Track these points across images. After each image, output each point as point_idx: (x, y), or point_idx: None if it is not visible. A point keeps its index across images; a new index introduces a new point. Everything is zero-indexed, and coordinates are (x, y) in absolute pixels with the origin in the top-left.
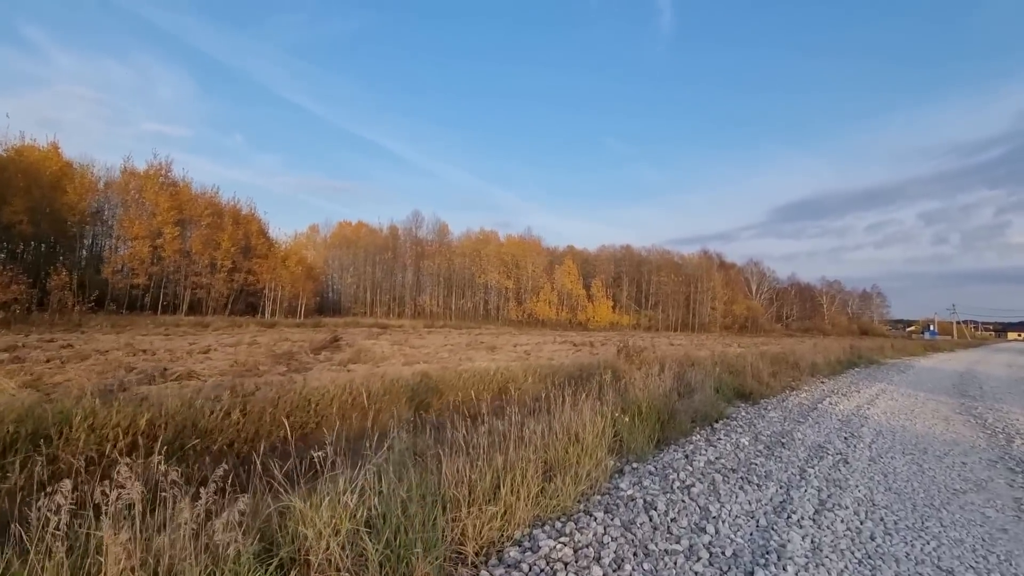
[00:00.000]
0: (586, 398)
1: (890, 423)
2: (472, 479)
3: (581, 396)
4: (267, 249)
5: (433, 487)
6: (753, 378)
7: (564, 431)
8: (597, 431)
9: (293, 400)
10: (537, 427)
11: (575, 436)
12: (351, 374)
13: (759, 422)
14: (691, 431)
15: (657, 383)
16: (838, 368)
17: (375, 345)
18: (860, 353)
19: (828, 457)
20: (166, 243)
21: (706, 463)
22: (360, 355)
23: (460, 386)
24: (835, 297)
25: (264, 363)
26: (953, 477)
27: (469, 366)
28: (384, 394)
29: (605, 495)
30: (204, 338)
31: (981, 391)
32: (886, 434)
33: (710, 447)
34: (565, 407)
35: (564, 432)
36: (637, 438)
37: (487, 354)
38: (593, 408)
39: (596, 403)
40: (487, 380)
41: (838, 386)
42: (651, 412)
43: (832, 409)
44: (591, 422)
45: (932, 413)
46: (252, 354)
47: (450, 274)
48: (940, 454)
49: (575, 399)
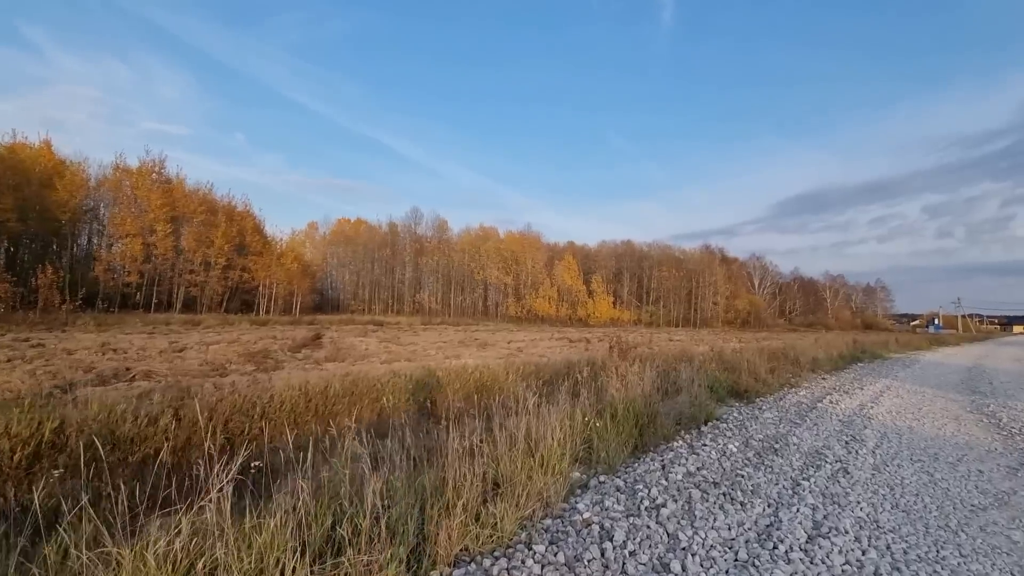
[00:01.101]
0: (557, 400)
1: (896, 424)
2: (379, 506)
3: (557, 397)
4: (262, 246)
5: (329, 515)
6: (749, 375)
7: (524, 439)
8: (560, 439)
9: (236, 403)
10: (500, 434)
11: (535, 445)
12: (321, 373)
13: (751, 424)
14: (674, 435)
15: (636, 382)
16: (840, 363)
17: (362, 343)
18: (863, 347)
19: (826, 466)
20: (158, 240)
21: (684, 475)
22: (340, 353)
23: (433, 385)
24: (838, 291)
25: (236, 362)
26: (970, 489)
27: (451, 364)
28: (344, 395)
29: (557, 519)
30: (188, 336)
31: (991, 387)
32: (892, 437)
33: (692, 455)
34: (535, 410)
35: (525, 440)
36: (609, 445)
37: (477, 351)
38: (563, 411)
39: (569, 405)
40: (464, 379)
41: (840, 383)
42: (629, 415)
43: (833, 408)
44: (557, 427)
45: (941, 412)
46: (226, 353)
47: (449, 271)
48: (953, 460)
49: (550, 400)
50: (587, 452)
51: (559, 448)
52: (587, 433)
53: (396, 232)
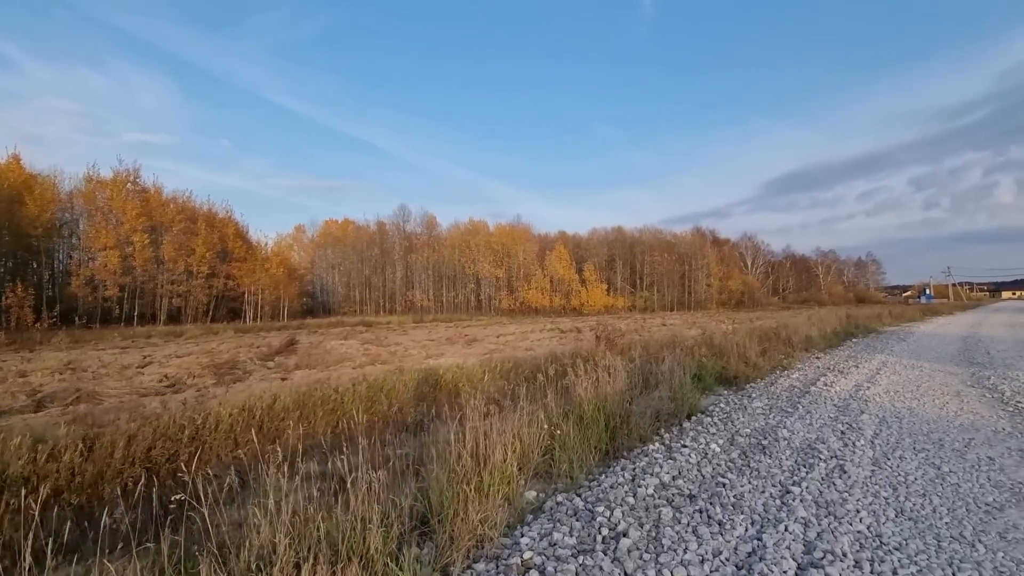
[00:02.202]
0: (521, 403)
1: (895, 406)
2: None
3: (527, 398)
4: (246, 252)
5: None
6: (739, 359)
7: (471, 455)
8: (514, 452)
9: (163, 427)
10: (445, 450)
11: (482, 463)
12: (285, 383)
13: (739, 416)
14: (652, 436)
15: (606, 379)
16: (834, 341)
17: (342, 346)
18: (857, 322)
19: (820, 464)
20: (136, 252)
21: (656, 488)
22: (312, 359)
23: (400, 391)
24: (830, 267)
25: (199, 375)
26: (982, 483)
27: (430, 364)
28: (296, 408)
29: (492, 560)
30: (164, 349)
31: (989, 356)
32: (891, 422)
33: (668, 460)
34: (490, 417)
35: (471, 456)
36: (573, 455)
37: (463, 348)
38: (521, 417)
39: (534, 409)
40: (437, 381)
41: (834, 361)
42: (599, 416)
43: (827, 392)
44: (512, 437)
45: (941, 388)
46: (191, 366)
47: (440, 267)
48: (959, 447)
49: (513, 403)
50: (548, 464)
51: (510, 464)
52: (548, 442)
53: (385, 231)
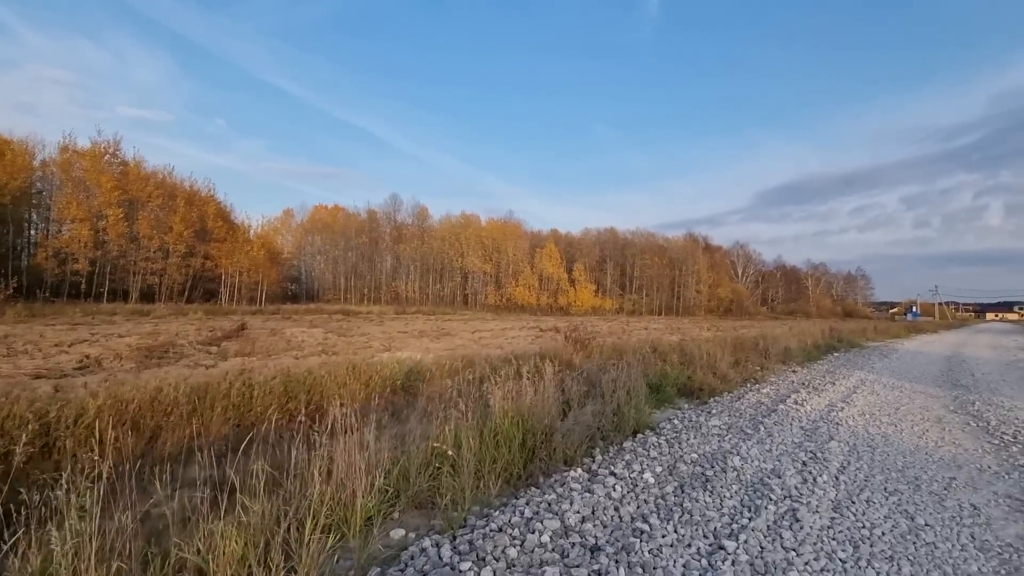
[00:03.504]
0: (436, 412)
1: (868, 432)
2: None
3: (448, 405)
4: (226, 232)
5: None
6: (707, 370)
7: (323, 483)
8: (379, 479)
9: None
10: (302, 469)
11: (335, 494)
12: (208, 370)
13: (690, 436)
14: (579, 458)
15: (527, 391)
16: (815, 354)
17: (303, 334)
18: (840, 336)
19: (769, 507)
20: (109, 226)
21: (555, 534)
22: (258, 346)
23: (334, 386)
24: (820, 279)
25: (127, 357)
26: (964, 543)
27: (380, 358)
28: (187, 402)
29: None
30: (117, 328)
31: (973, 379)
32: (862, 452)
33: (585, 493)
34: (377, 430)
35: (322, 484)
36: (466, 482)
37: (430, 342)
38: (412, 432)
39: (440, 422)
40: (382, 377)
41: (811, 376)
42: (515, 432)
43: (796, 411)
44: (387, 457)
45: (921, 412)
46: (121, 347)
47: (428, 259)
48: (938, 489)
49: (429, 411)
50: (434, 493)
51: (366, 499)
52: (438, 465)
53: (375, 219)
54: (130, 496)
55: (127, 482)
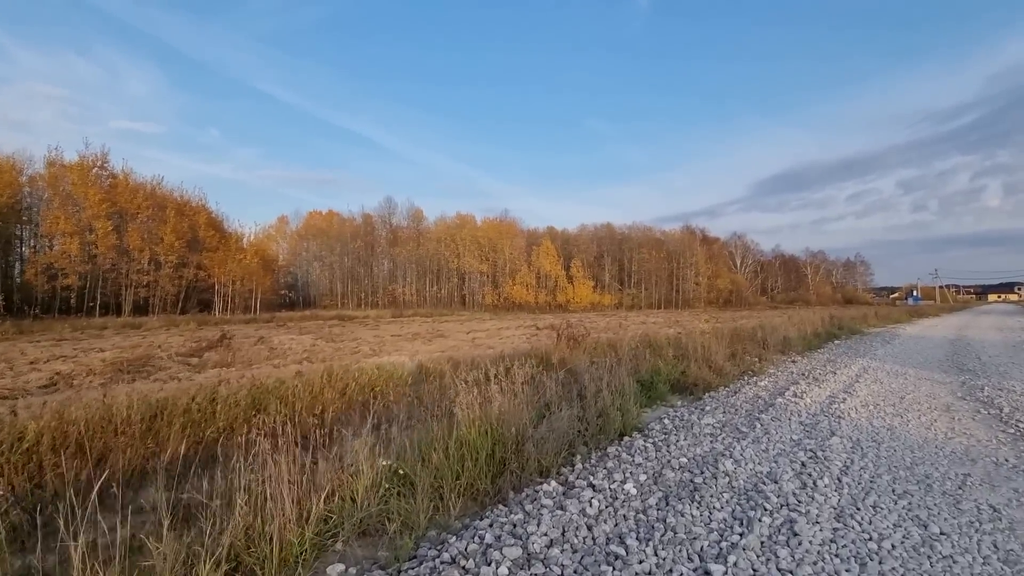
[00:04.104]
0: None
1: (872, 425)
2: None
3: (405, 415)
4: (218, 242)
5: None
6: (702, 363)
7: (252, 508)
8: (316, 504)
9: None
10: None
11: (259, 530)
12: (179, 384)
13: (680, 437)
14: (556, 467)
15: (496, 396)
16: (815, 343)
17: (292, 341)
18: (841, 323)
19: (763, 519)
20: (99, 239)
21: (515, 564)
22: (239, 356)
23: (307, 396)
24: (819, 267)
25: (102, 372)
26: (986, 554)
27: (364, 364)
28: (142, 420)
29: None
30: (103, 342)
31: (980, 363)
32: (867, 448)
33: (557, 510)
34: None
35: (253, 511)
36: (421, 503)
37: (422, 345)
38: (363, 446)
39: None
40: (359, 384)
41: (811, 366)
42: (483, 443)
43: (795, 404)
44: (327, 484)
45: (928, 400)
46: (94, 362)
47: (425, 261)
48: (952, 488)
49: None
50: (385, 517)
51: (310, 527)
52: (388, 485)
53: (371, 223)
54: (39, 532)
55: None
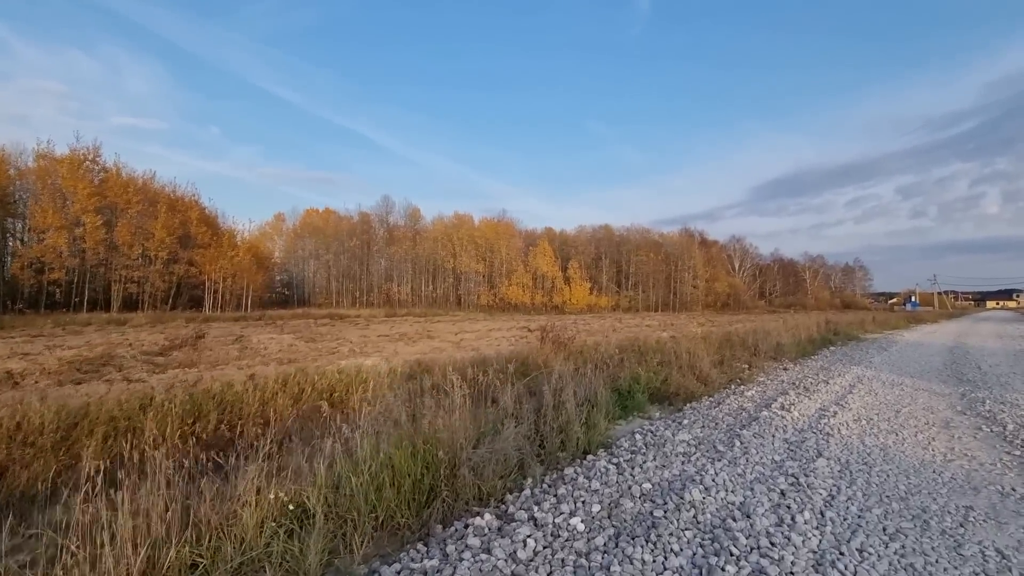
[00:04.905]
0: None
1: (864, 444)
2: None
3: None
4: (210, 238)
5: None
6: (687, 370)
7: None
8: (175, 553)
9: None
10: None
11: None
12: (129, 386)
13: (648, 458)
14: (496, 495)
15: (432, 407)
16: (809, 349)
17: (272, 340)
18: (837, 329)
19: (728, 568)
20: (87, 233)
21: None
22: (208, 355)
23: (256, 402)
24: (818, 272)
25: (57, 371)
26: None
27: (340, 365)
28: (59, 429)
29: None
30: (81, 339)
31: (981, 372)
32: (856, 473)
33: (481, 555)
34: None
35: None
36: (314, 547)
37: (405, 346)
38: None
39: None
40: (318, 390)
41: (803, 374)
42: (411, 466)
43: (781, 419)
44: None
45: (925, 414)
46: (49, 361)
47: (421, 260)
48: (953, 527)
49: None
50: (269, 561)
51: None
52: (284, 521)
53: (368, 221)
54: None
55: None
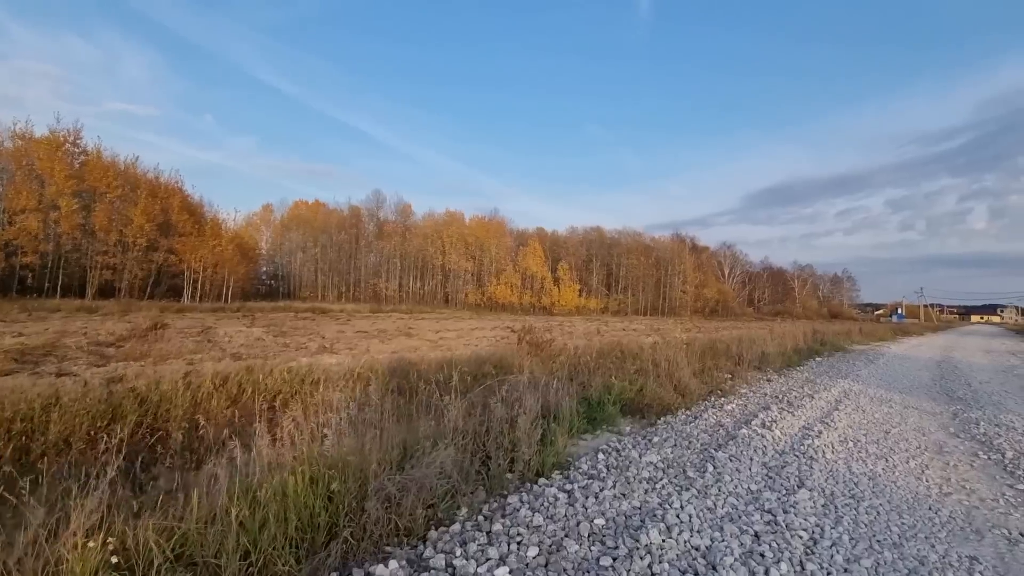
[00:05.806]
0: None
1: (852, 471)
2: None
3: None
4: (192, 226)
5: None
6: (664, 380)
7: None
8: None
9: None
10: None
11: None
12: (56, 379)
13: (607, 485)
14: (420, 531)
15: (338, 424)
16: (795, 359)
17: (239, 333)
18: (824, 339)
19: None
20: (62, 217)
21: None
22: (163, 347)
23: (187, 404)
24: (807, 281)
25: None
26: None
27: (301, 362)
28: None
29: None
30: (41, 325)
31: (971, 390)
32: (843, 508)
33: None
34: None
35: None
36: None
37: (379, 344)
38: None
39: None
40: (262, 391)
41: (788, 387)
42: (309, 499)
43: (761, 439)
44: None
45: (916, 436)
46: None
47: (410, 256)
48: None
49: None
50: None
51: None
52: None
53: (358, 215)
54: None
55: None
